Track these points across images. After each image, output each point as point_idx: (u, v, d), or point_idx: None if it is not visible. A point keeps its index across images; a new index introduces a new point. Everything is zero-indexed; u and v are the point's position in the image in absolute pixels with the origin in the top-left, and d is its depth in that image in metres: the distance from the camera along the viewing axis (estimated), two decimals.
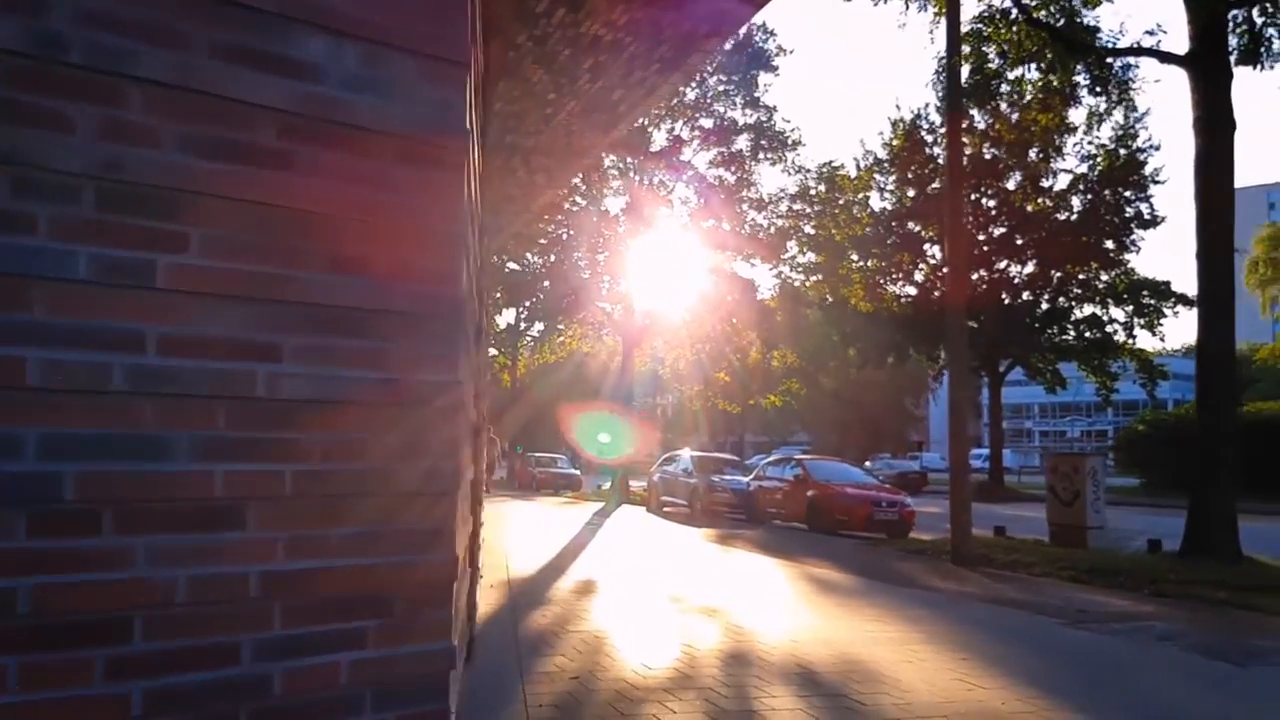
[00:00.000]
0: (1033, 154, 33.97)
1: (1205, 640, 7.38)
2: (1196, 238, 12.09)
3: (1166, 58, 12.79)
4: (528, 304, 32.08)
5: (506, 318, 38.02)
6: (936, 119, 34.39)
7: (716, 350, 41.15)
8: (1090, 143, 33.89)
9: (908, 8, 15.83)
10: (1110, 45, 13.75)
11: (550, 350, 36.94)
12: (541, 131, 8.35)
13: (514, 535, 14.97)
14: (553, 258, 29.58)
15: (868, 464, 45.78)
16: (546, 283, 29.85)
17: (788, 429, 77.72)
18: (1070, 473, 13.82)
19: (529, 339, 37.70)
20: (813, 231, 30.82)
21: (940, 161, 36.45)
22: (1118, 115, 32.40)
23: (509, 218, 11.29)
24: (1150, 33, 13.74)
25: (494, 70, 6.89)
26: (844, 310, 36.53)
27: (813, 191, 30.79)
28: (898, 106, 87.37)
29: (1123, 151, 33.27)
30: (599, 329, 32.69)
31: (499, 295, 31.28)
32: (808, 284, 33.28)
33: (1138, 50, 13.63)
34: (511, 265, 29.73)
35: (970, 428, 14.76)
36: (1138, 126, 33.45)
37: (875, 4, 16.87)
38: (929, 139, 35.04)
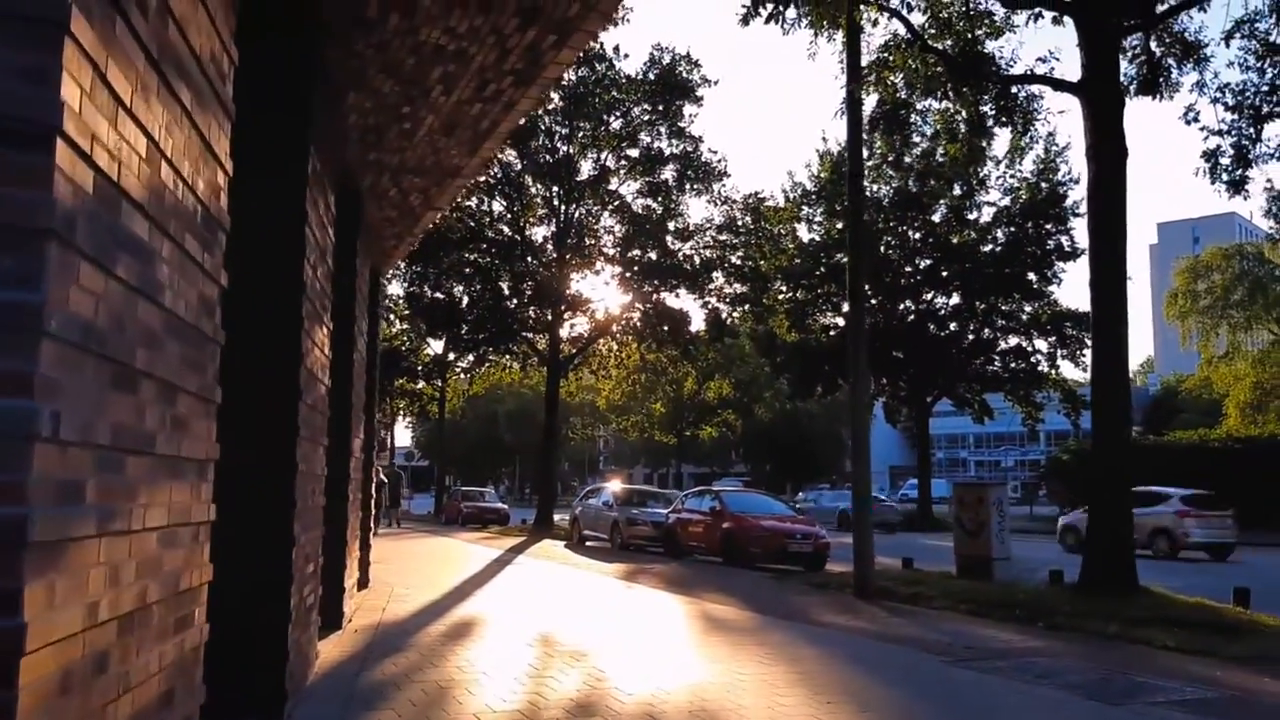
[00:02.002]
0: (957, 188, 34.49)
1: (1086, 678, 7.13)
2: (1090, 265, 12.09)
3: (1060, 85, 12.86)
4: (456, 335, 31.41)
5: (435, 348, 37.26)
6: (863, 151, 34.69)
7: (652, 380, 40.92)
8: (1012, 176, 34.49)
9: (816, 37, 15.71)
10: (1005, 73, 13.78)
11: (480, 382, 36.30)
12: (405, 148, 7.96)
13: (414, 573, 14.36)
14: (478, 287, 29.06)
15: (800, 495, 45.77)
16: (472, 314, 29.28)
17: (728, 460, 77.59)
18: (975, 503, 13.67)
19: (459, 370, 36.97)
20: (739, 262, 30.74)
21: (869, 194, 36.91)
22: (1038, 149, 33.17)
23: (390, 240, 10.85)
24: (1043, 60, 13.89)
25: (339, 79, 6.50)
26: (774, 341, 36.54)
27: (739, 222, 30.72)
28: (824, 139, 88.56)
29: (1044, 185, 33.94)
30: (525, 360, 32.19)
31: (420, 326, 30.68)
32: (735, 314, 33.17)
33: (1031, 78, 13.73)
34: (437, 295, 29.13)
35: (904, 459, 14.57)
36: (1058, 161, 34.21)
37: (785, 33, 16.81)
38: None
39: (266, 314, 5.31)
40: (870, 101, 17.49)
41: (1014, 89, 15.85)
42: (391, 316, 32.04)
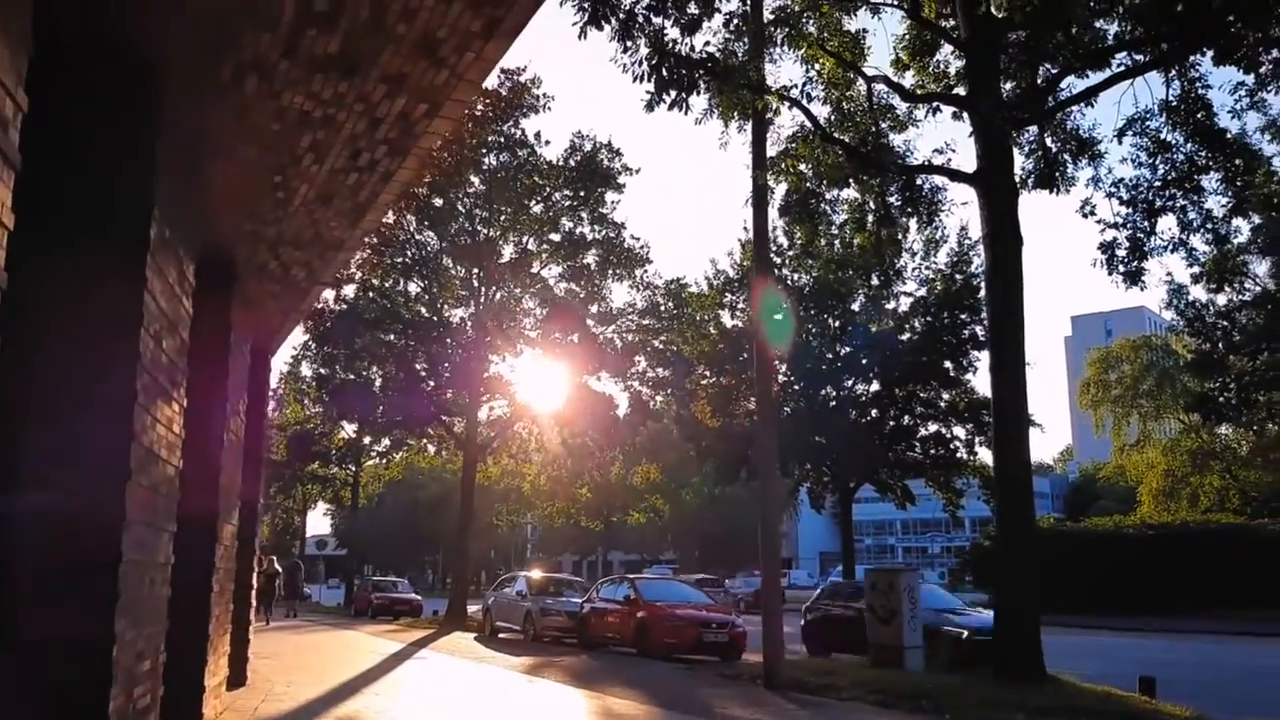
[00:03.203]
0: (875, 278, 35.24)
1: None
2: (990, 353, 12.20)
3: (956, 175, 13.19)
4: (370, 418, 30.62)
5: (350, 431, 36.27)
6: (784, 241, 35.41)
7: (578, 465, 40.33)
8: (928, 268, 35.35)
9: (726, 126, 15.91)
10: (902, 163, 14.11)
11: (396, 467, 35.35)
12: (281, 219, 7.66)
13: (302, 669, 13.52)
14: (393, 369, 28.47)
15: (729, 582, 45.15)
16: (387, 396, 28.61)
17: (658, 546, 76.69)
18: (887, 590, 13.44)
19: (374, 454, 36.00)
20: (661, 346, 30.76)
21: (789, 283, 37.50)
22: (952, 242, 34.16)
23: (276, 316, 10.45)
24: (939, 151, 14.17)
25: (196, 143, 6.21)
26: (698, 426, 36.44)
27: (662, 307, 30.86)
28: (745, 228, 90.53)
29: (958, 277, 34.84)
30: (440, 443, 31.48)
31: (333, 410, 29.86)
32: (657, 399, 33.07)
33: (929, 168, 14.07)
34: (349, 376, 28.44)
35: (834, 545, 14.30)
36: (971, 254, 35.22)
37: (697, 123, 17.04)
38: (778, 260, 35.98)
39: (95, 387, 4.92)
40: (782, 190, 17.78)
41: (918, 180, 16.25)
42: (305, 399, 31.17)
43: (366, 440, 34.62)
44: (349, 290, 27.75)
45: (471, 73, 5.60)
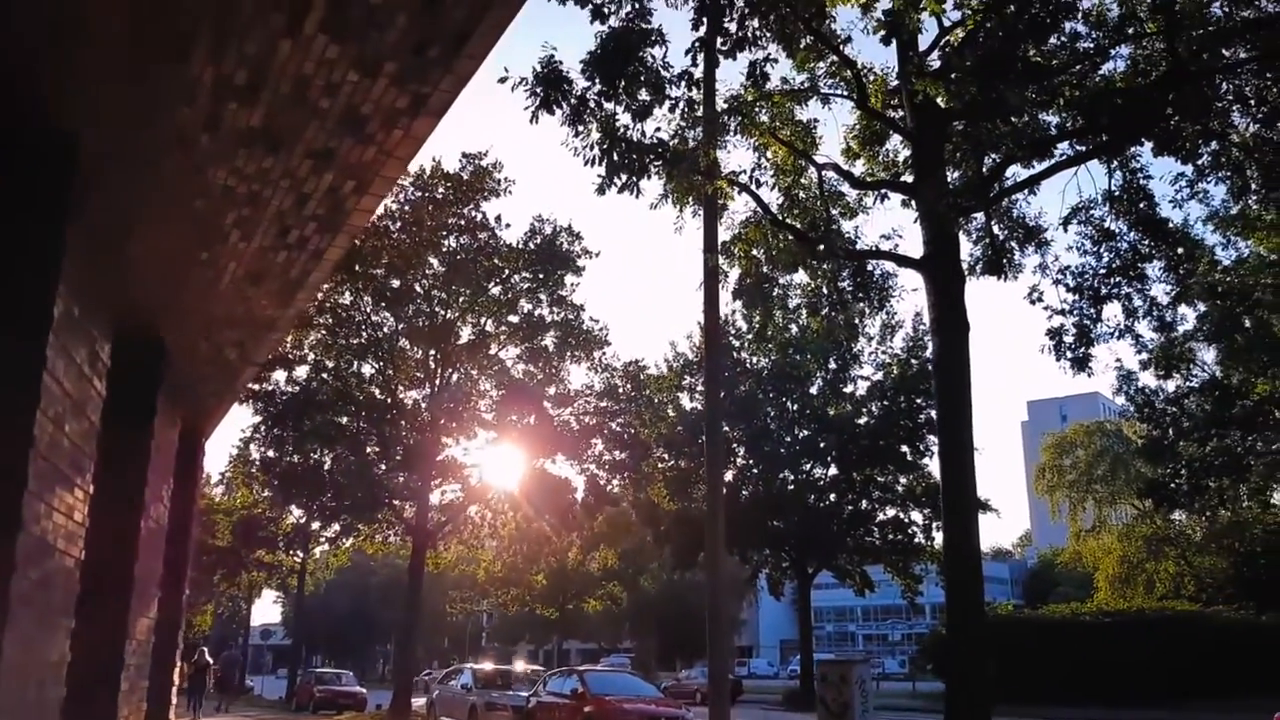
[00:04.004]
0: (832, 361, 35.54)
1: None
2: (939, 438, 12.13)
3: (903, 261, 13.30)
4: (319, 503, 29.79)
5: (300, 516, 35.30)
6: (743, 324, 35.65)
7: (533, 551, 39.47)
8: (884, 352, 35.71)
9: (681, 211, 15.98)
10: (850, 248, 14.24)
11: (343, 554, 34.36)
12: (210, 298, 7.43)
13: None
14: (344, 452, 27.84)
15: (684, 672, 44.10)
16: (336, 480, 27.90)
17: (616, 635, 75.00)
18: (838, 682, 13.05)
19: (323, 540, 35.01)
20: (619, 429, 30.48)
21: (748, 365, 37.66)
22: (907, 327, 34.61)
23: (210, 397, 10.11)
24: (886, 236, 14.35)
25: (113, 218, 6.00)
26: (656, 510, 36.03)
27: (620, 389, 30.68)
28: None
29: (914, 361, 35.16)
30: (389, 529, 30.69)
31: (280, 494, 28.98)
32: (614, 482, 32.67)
33: (877, 253, 14.20)
34: (296, 459, 27.72)
35: (795, 632, 13.90)
36: (926, 339, 35.65)
37: (653, 207, 17.15)
38: (737, 343, 36.18)
39: None
40: (736, 274, 17.86)
41: (869, 265, 16.40)
42: (254, 483, 30.33)
43: (315, 526, 33.67)
44: (301, 371, 27.31)
45: (400, 150, 5.49)
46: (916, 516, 35.80)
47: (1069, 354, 16.14)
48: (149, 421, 7.88)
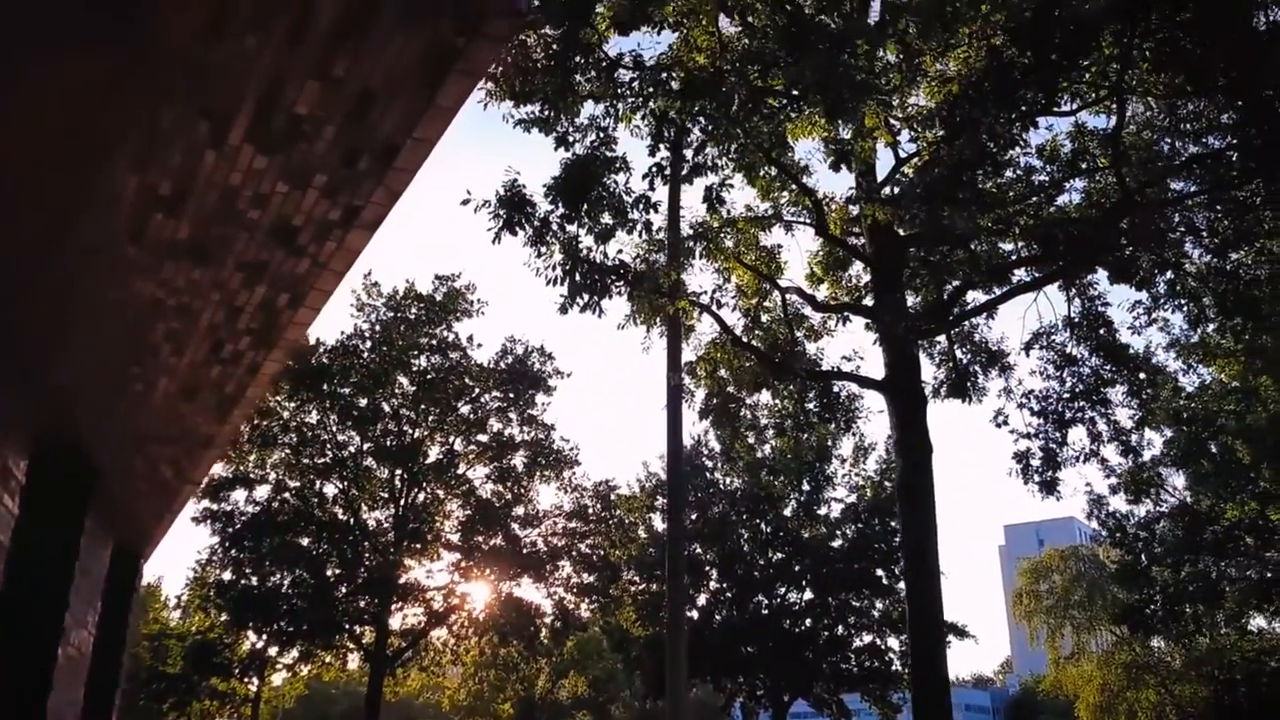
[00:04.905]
0: (806, 483, 35.24)
1: None
2: (903, 560, 11.87)
3: (864, 382, 13.31)
4: (276, 628, 28.69)
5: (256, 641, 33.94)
6: (716, 445, 35.44)
7: (500, 678, 38.07)
8: (857, 475, 35.48)
9: (648, 332, 16.02)
10: (811, 369, 14.25)
11: (299, 681, 32.93)
12: (142, 414, 7.20)
13: None
14: (302, 574, 27.01)
15: None
16: (293, 603, 26.96)
17: None
18: None
19: (279, 667, 33.57)
20: (588, 550, 29.89)
21: (721, 486, 37.26)
22: (880, 450, 34.50)
23: (150, 518, 9.74)
24: (847, 358, 14.39)
25: (35, 329, 5.83)
26: (627, 635, 34.98)
27: (590, 510, 30.23)
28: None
29: (887, 484, 34.92)
30: (347, 654, 29.56)
31: (234, 618, 27.91)
32: (582, 606, 31.81)
33: (839, 375, 14.22)
34: (253, 582, 26.84)
35: None
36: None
37: (620, 328, 17.18)
38: (710, 464, 35.88)
39: None
40: (702, 395, 17.81)
41: (835, 387, 16.41)
42: (209, 606, 29.25)
43: (272, 652, 32.34)
44: (262, 491, 26.76)
45: (335, 262, 5.40)
46: (893, 643, 34.93)
47: (1036, 477, 16.06)
48: (73, 542, 7.52)
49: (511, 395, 29.33)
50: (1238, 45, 10.50)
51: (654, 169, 11.49)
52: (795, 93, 10.12)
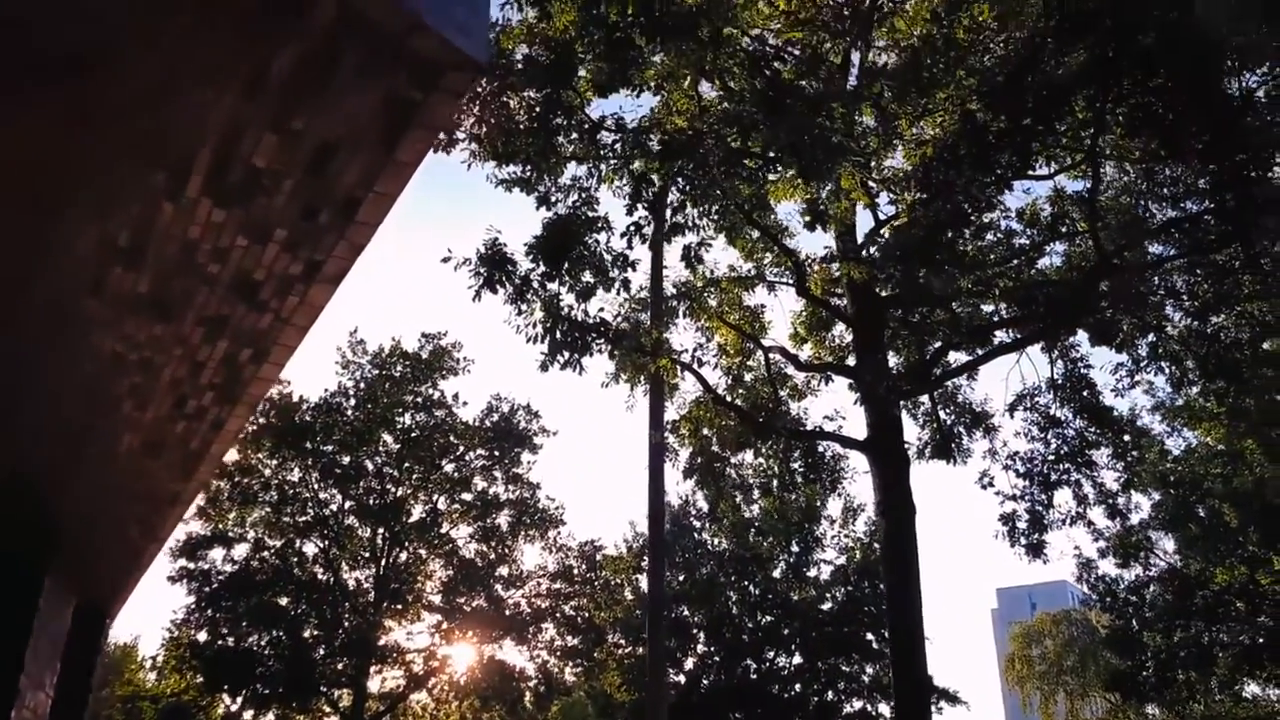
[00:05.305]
0: (795, 544, 34.89)
1: None
2: (888, 621, 11.68)
3: (847, 442, 13.23)
4: (251, 690, 28.04)
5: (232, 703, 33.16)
6: (704, 505, 35.14)
7: None
8: (846, 536, 35.17)
9: (632, 390, 15.96)
10: (793, 429, 14.18)
11: None
12: (106, 471, 7.08)
13: None
14: (279, 634, 26.47)
15: None
16: (269, 664, 26.38)
17: None
18: None
19: None
20: (572, 612, 29.42)
21: (709, 547, 36.86)
22: (869, 511, 34.25)
23: (120, 575, 9.54)
24: (829, 418, 14.36)
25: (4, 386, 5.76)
26: (611, 701, 34.27)
27: (575, 570, 29.84)
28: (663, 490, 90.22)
29: (876, 545, 34.59)
30: (322, 717, 28.85)
31: (207, 680, 27.30)
32: (566, 669, 31.24)
33: (821, 434, 14.15)
34: (228, 642, 26.29)
35: None
36: None
37: (604, 386, 17.10)
38: (698, 524, 35.54)
39: None
40: (686, 454, 17.69)
41: (819, 447, 16.32)
42: (185, 667, 28.62)
43: (248, 715, 31.60)
44: (241, 550, 26.38)
45: (298, 317, 5.34)
46: (884, 709, 34.33)
47: (1023, 540, 15.90)
48: (32, 600, 7.35)
49: (497, 453, 29.14)
50: (1210, 110, 10.67)
51: (631, 228, 11.54)
52: (771, 154, 10.22)
